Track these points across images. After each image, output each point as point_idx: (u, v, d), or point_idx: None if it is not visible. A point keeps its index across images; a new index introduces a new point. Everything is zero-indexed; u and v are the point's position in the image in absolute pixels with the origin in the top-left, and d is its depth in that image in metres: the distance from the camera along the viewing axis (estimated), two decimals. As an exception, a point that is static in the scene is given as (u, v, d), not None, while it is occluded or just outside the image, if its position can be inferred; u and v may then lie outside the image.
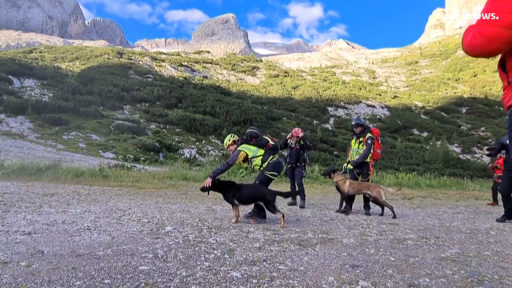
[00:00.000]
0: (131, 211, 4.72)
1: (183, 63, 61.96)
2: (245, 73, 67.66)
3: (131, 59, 54.82)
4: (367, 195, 5.55)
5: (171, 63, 59.26)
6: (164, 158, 23.39)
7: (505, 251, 3.41)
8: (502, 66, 1.43)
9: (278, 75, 68.20)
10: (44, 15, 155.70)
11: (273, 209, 4.09)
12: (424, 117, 51.65)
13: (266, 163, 4.56)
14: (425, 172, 19.15)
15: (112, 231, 3.42)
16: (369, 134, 5.77)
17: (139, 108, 34.28)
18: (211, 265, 2.50)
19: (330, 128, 42.14)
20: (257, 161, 4.59)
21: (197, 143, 28.43)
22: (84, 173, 9.33)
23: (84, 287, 2.00)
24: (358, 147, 5.90)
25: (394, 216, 5.25)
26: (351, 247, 3.22)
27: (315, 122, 43.04)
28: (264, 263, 2.59)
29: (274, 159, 4.65)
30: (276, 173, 4.65)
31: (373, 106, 54.19)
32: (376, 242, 3.52)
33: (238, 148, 4.58)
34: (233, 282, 2.18)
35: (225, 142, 4.87)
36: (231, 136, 4.86)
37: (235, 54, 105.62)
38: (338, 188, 5.55)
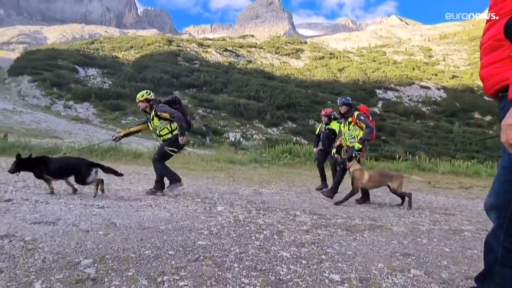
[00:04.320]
0: (185, 191, 5.09)
1: (228, 48, 62.64)
2: (289, 56, 66.34)
3: (180, 46, 56.88)
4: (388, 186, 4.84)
5: (217, 49, 60.29)
6: (211, 142, 24.38)
7: None
8: (507, 30, 1.13)
9: (323, 57, 65.70)
10: (102, 7, 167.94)
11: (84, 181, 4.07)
12: (488, 99, 46.26)
13: (173, 134, 4.55)
14: (486, 160, 17.39)
15: (171, 208, 3.76)
16: (357, 112, 5.08)
17: (187, 94, 35.77)
18: (261, 244, 2.66)
19: (378, 112, 39.91)
20: (171, 126, 4.59)
21: (242, 127, 29.00)
22: (141, 154, 10.16)
23: (152, 256, 2.27)
24: (349, 128, 5.18)
25: (410, 206, 4.69)
26: (401, 235, 3.15)
27: (362, 105, 41.06)
28: (312, 245, 2.68)
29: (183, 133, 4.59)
30: (176, 150, 4.67)
31: (428, 88, 49.88)
32: (429, 232, 3.39)
33: (164, 106, 4.61)
34: (283, 261, 2.30)
35: (137, 97, 4.78)
36: (146, 92, 4.78)
37: (279, 36, 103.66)
38: (352, 180, 4.70)
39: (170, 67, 41.57)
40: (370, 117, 5.22)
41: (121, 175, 4.63)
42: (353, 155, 4.84)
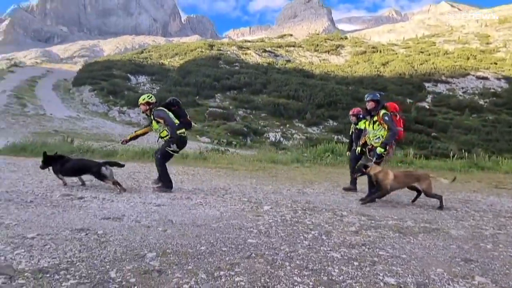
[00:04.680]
0: (231, 190, 5.26)
1: (267, 49, 62.91)
2: (328, 53, 64.67)
3: (220, 50, 58.49)
4: (415, 188, 4.58)
5: (256, 50, 60.89)
6: (251, 142, 24.74)
7: None
8: None
9: (365, 52, 62.91)
10: (150, 19, 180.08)
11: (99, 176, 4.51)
12: None
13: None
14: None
15: (220, 207, 3.93)
16: (383, 111, 4.73)
17: (228, 96, 36.65)
18: (310, 244, 2.68)
19: (427, 107, 37.13)
20: (167, 129, 4.72)
21: (281, 127, 28.97)
22: (188, 155, 10.67)
23: (208, 252, 2.42)
24: (373, 128, 4.85)
25: (441, 207, 4.37)
26: (461, 240, 2.95)
27: (408, 100, 38.53)
28: (363, 247, 2.63)
29: (183, 133, 4.80)
30: (178, 150, 4.84)
31: (485, 78, 45.19)
32: (494, 236, 3.12)
33: (159, 109, 4.72)
34: (334, 261, 2.30)
35: (139, 100, 4.95)
36: (148, 96, 4.94)
37: (318, 34, 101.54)
38: (377, 183, 4.46)
39: (212, 71, 42.94)
40: (398, 116, 4.90)
41: (122, 165, 5.09)
42: (374, 159, 4.70)
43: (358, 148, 5.31)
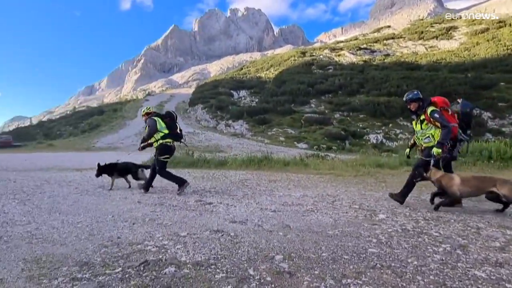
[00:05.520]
0: (340, 197, 5.20)
1: (361, 46, 59.45)
2: (437, 39, 56.50)
3: (313, 55, 58.50)
4: (494, 194, 3.82)
5: (349, 50, 58.32)
6: (350, 145, 23.63)
7: None
8: None
9: (488, 29, 52.34)
10: (246, 37, 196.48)
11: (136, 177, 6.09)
12: None
13: (161, 141, 5.33)
14: None
15: (332, 214, 3.96)
16: (430, 108, 4.23)
17: (323, 100, 36.14)
18: (443, 258, 2.45)
19: None
20: (157, 136, 5.36)
21: (383, 128, 26.74)
22: (289, 162, 11.00)
23: (330, 258, 2.50)
24: (421, 127, 4.41)
25: None
26: None
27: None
28: (515, 267, 2.25)
29: (169, 142, 5.42)
30: (168, 155, 5.47)
31: None
32: None
33: (151, 118, 5.43)
34: (479, 281, 2.06)
35: (141, 112, 5.91)
36: (147, 108, 5.87)
37: (421, 19, 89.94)
38: (443, 189, 4.03)
39: (306, 77, 43.24)
40: (450, 111, 4.35)
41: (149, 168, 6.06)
42: (431, 163, 4.24)
43: (407, 150, 4.99)
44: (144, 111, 5.90)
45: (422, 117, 4.39)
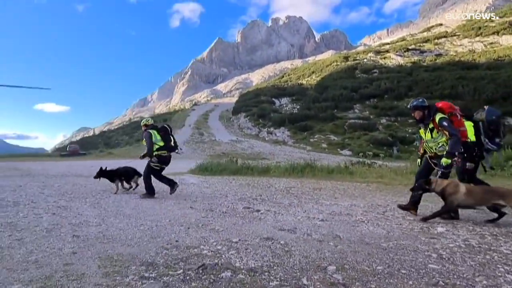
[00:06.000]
0: (391, 208, 4.98)
1: (410, 47, 56.23)
2: (498, 34, 51.30)
3: (356, 59, 56.78)
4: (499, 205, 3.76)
5: (396, 51, 55.51)
6: (398, 152, 22.30)
7: None
8: None
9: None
10: (287, 45, 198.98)
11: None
12: None
13: (157, 152, 5.84)
14: None
15: (384, 226, 3.81)
16: (439, 116, 4.09)
17: (368, 105, 34.79)
18: (517, 279, 2.24)
19: None
20: (153, 148, 5.84)
21: (438, 133, 24.85)
22: (333, 170, 10.74)
23: (386, 272, 2.42)
24: (432, 136, 4.21)
25: None
26: None
27: None
28: None
29: (164, 153, 5.92)
30: (159, 165, 5.91)
31: None
32: None
33: (148, 131, 5.88)
34: (563, 306, 1.85)
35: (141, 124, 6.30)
36: (146, 120, 6.31)
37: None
38: (445, 198, 3.90)
39: (349, 82, 42.08)
40: (459, 116, 4.22)
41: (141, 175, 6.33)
42: (440, 172, 4.07)
43: (418, 161, 4.80)
44: (143, 122, 6.27)
45: (431, 125, 4.25)
